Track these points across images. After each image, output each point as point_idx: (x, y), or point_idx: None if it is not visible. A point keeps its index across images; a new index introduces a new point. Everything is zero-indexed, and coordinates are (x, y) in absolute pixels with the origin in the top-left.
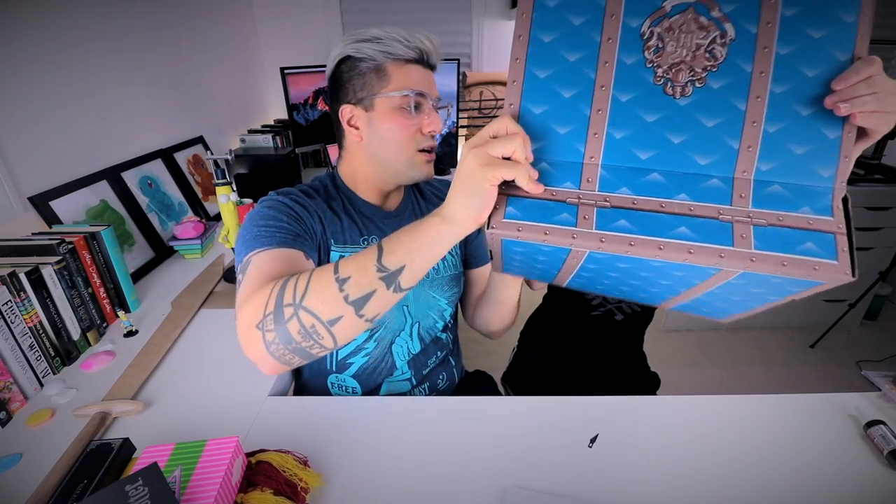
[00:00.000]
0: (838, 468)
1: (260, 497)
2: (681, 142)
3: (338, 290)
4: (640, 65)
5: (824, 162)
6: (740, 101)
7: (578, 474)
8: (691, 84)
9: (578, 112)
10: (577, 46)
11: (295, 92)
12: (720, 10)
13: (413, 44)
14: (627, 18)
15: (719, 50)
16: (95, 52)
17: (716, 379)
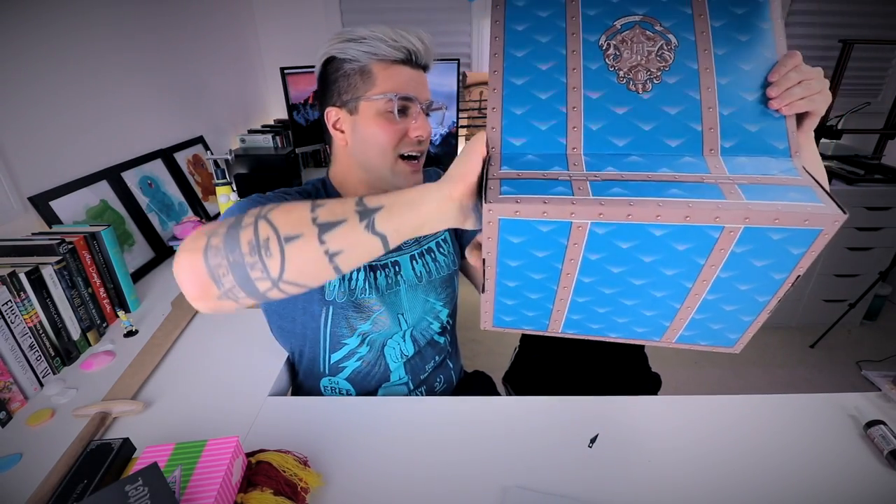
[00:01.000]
0: (838, 468)
1: (260, 497)
2: (651, 128)
3: (308, 210)
4: (603, 69)
5: (776, 136)
6: (694, 92)
7: (578, 474)
8: (650, 82)
9: (556, 110)
10: (547, 58)
11: (295, 92)
12: (661, 25)
13: (400, 44)
14: (586, 34)
15: (668, 54)
16: (96, 53)
17: (716, 379)
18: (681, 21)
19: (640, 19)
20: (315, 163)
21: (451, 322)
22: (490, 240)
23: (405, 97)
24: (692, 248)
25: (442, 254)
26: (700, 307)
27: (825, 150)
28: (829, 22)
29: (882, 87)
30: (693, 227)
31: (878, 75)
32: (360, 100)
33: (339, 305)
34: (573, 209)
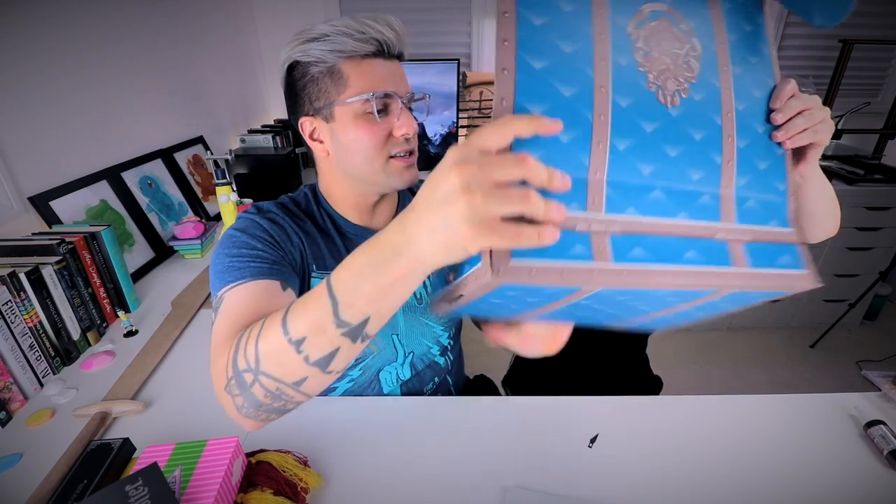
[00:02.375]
0: (838, 468)
1: (260, 497)
2: (676, 155)
3: (295, 352)
4: (633, 67)
5: (779, 177)
6: (717, 115)
7: (578, 474)
8: (678, 94)
9: (581, 116)
10: (571, 36)
11: None
12: (686, 24)
13: (368, 35)
14: (614, 16)
15: (694, 63)
16: (96, 52)
17: (716, 379)
18: (702, 24)
19: (666, 9)
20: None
21: (452, 343)
22: (471, 294)
23: (384, 94)
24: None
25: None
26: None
27: (825, 149)
28: None
29: (882, 87)
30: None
31: (878, 75)
32: (334, 105)
33: None
34: (592, 279)
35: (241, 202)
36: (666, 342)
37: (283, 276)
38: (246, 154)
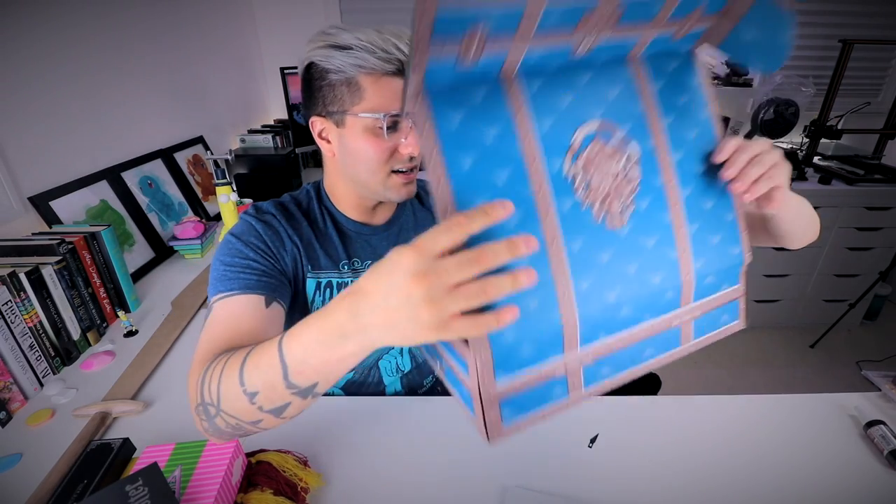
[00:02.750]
0: (838, 468)
1: (260, 497)
2: (636, 269)
3: (249, 402)
4: (577, 208)
5: (732, 242)
6: (664, 214)
7: (578, 474)
8: (625, 212)
9: (543, 281)
10: (516, 200)
11: (295, 92)
12: (620, 131)
13: (392, 55)
14: (548, 161)
15: (633, 170)
16: (95, 53)
17: (716, 379)
18: (635, 122)
19: (598, 127)
20: (315, 163)
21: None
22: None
23: (396, 115)
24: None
25: None
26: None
27: (825, 150)
28: (829, 22)
29: (882, 87)
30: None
31: (878, 75)
32: (346, 113)
33: None
34: (567, 409)
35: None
36: None
37: (269, 289)
38: (246, 154)
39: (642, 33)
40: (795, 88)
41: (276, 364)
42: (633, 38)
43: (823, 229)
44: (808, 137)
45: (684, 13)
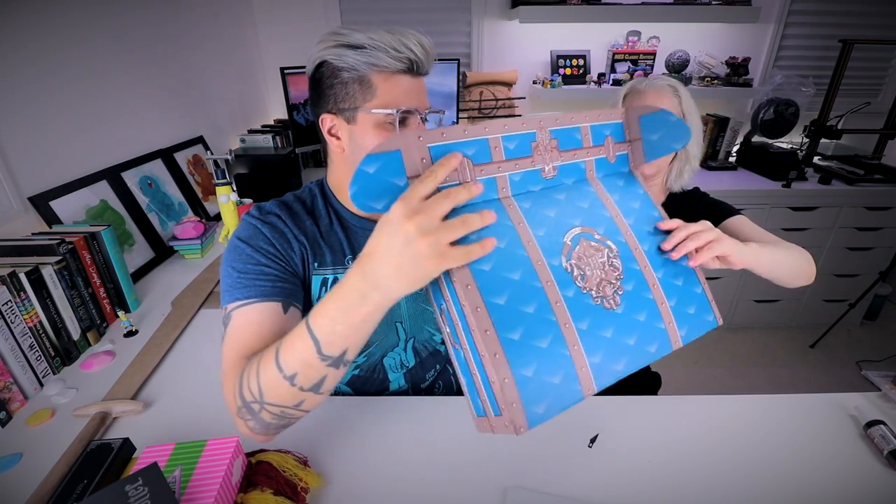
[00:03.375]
0: (838, 468)
1: (260, 497)
2: (635, 342)
3: (290, 385)
4: (578, 294)
5: (706, 311)
6: (648, 293)
7: (578, 474)
8: (616, 294)
9: (562, 356)
10: (529, 300)
11: (295, 92)
12: (598, 233)
13: (403, 54)
14: (549, 260)
15: (616, 260)
16: (95, 52)
17: (716, 379)
18: (610, 225)
19: (581, 231)
20: (315, 163)
21: None
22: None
23: (407, 110)
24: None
25: None
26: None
27: (825, 150)
28: (829, 22)
29: (882, 87)
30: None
31: (878, 75)
32: (358, 110)
33: None
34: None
35: (241, 202)
36: None
37: (284, 294)
38: (246, 154)
39: (584, 157)
40: (795, 88)
41: (307, 342)
42: (579, 161)
43: (824, 229)
44: (808, 137)
45: (600, 141)
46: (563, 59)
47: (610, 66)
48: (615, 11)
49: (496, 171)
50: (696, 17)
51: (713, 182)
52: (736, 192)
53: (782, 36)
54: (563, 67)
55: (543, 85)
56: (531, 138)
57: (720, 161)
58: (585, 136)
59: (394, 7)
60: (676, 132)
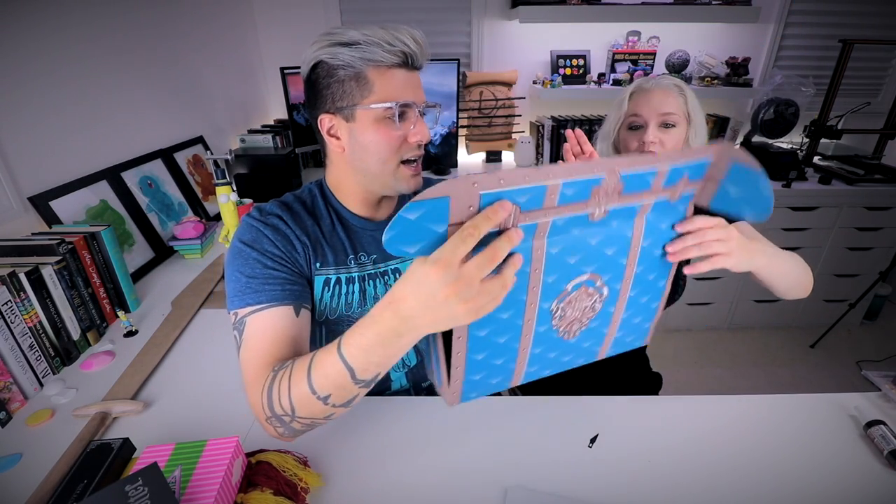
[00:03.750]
0: (838, 468)
1: (260, 497)
2: (569, 359)
3: (322, 404)
4: (548, 330)
5: (642, 341)
6: (605, 329)
7: (579, 474)
8: (579, 330)
9: (508, 368)
10: (505, 332)
11: (295, 92)
12: (601, 280)
13: (396, 48)
14: (542, 303)
15: (598, 306)
16: (95, 52)
17: (716, 379)
18: (616, 273)
19: (587, 278)
20: (315, 163)
21: None
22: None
23: (404, 103)
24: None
25: None
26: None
27: (825, 150)
28: (829, 22)
29: (882, 87)
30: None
31: (878, 75)
32: (356, 107)
33: (332, 322)
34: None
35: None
36: (666, 342)
37: (294, 296)
38: (246, 154)
39: (644, 199)
40: (795, 88)
41: (342, 370)
42: (637, 203)
43: (824, 229)
44: (808, 137)
45: (674, 181)
46: (563, 59)
47: (610, 66)
48: (615, 11)
49: (542, 216)
50: (696, 17)
51: None
52: None
53: (782, 36)
54: (563, 67)
55: (543, 85)
56: (595, 183)
57: None
58: (659, 178)
59: (394, 7)
60: (757, 202)
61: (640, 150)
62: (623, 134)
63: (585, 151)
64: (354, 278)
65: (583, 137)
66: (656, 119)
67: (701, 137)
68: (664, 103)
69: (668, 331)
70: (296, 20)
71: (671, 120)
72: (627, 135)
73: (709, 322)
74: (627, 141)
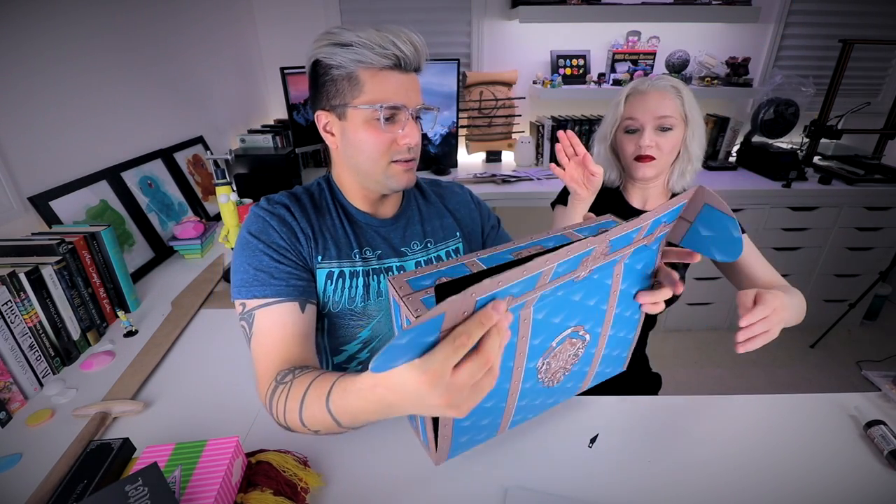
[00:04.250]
0: (838, 468)
1: (260, 497)
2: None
3: (313, 433)
4: (534, 384)
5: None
6: (587, 368)
7: (578, 474)
8: (563, 375)
9: (493, 423)
10: (493, 397)
11: (295, 92)
12: (584, 329)
13: (389, 50)
14: (528, 363)
15: (581, 351)
16: (95, 52)
17: (716, 379)
18: (597, 320)
19: (571, 331)
20: (315, 163)
21: None
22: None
23: (392, 106)
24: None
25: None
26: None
27: (825, 150)
28: (829, 22)
29: (882, 87)
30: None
31: (878, 75)
32: (347, 107)
33: (335, 315)
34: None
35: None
36: (666, 342)
37: (299, 292)
38: (246, 154)
39: (627, 252)
40: (795, 88)
41: (329, 420)
42: (619, 256)
43: (824, 229)
44: (808, 137)
45: (653, 230)
46: (563, 59)
47: (610, 66)
48: (615, 11)
49: (533, 294)
50: (696, 17)
51: (713, 182)
52: (736, 192)
53: (782, 36)
54: (563, 67)
55: (543, 85)
56: (587, 255)
57: (720, 161)
58: (642, 231)
59: (394, 7)
60: (726, 245)
61: (637, 155)
62: (620, 137)
63: (578, 153)
64: (359, 272)
65: (575, 139)
66: (652, 123)
67: (699, 138)
68: (660, 106)
69: (668, 331)
70: (296, 20)
71: (667, 123)
72: (624, 138)
73: (709, 322)
74: (624, 144)
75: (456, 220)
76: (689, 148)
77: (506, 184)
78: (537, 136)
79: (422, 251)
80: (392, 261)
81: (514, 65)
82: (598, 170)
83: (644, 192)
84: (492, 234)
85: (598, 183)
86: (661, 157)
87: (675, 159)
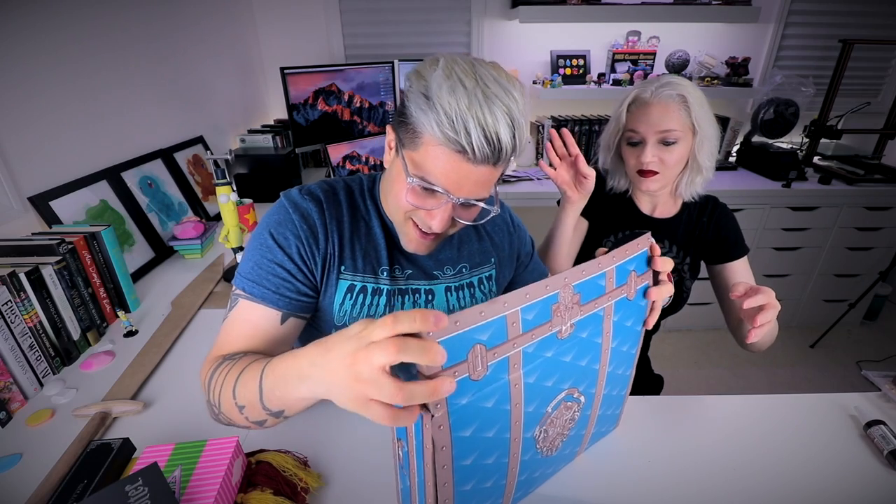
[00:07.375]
0: (838, 468)
1: (260, 497)
2: (551, 470)
3: (239, 412)
4: (533, 455)
5: (612, 426)
6: (583, 431)
7: (578, 474)
8: (561, 442)
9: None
10: (493, 475)
11: (295, 92)
12: (578, 391)
13: (457, 136)
14: (525, 433)
15: (577, 414)
16: (95, 52)
17: (716, 379)
18: (591, 380)
19: (566, 394)
20: (315, 163)
21: None
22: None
23: (428, 187)
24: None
25: (482, 291)
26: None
27: (825, 150)
28: (829, 22)
29: (882, 87)
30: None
31: (878, 75)
32: (404, 147)
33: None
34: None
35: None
36: (666, 342)
37: (284, 304)
38: (246, 154)
39: (603, 304)
40: (795, 88)
41: (255, 388)
42: (599, 309)
43: (824, 229)
44: (808, 137)
45: (623, 280)
46: (563, 59)
47: (610, 66)
48: (615, 11)
49: (511, 349)
50: (696, 17)
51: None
52: (736, 191)
53: (782, 36)
54: (563, 67)
55: (543, 85)
56: (553, 301)
57: (720, 161)
58: (610, 279)
59: (394, 7)
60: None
61: (639, 169)
62: (623, 148)
63: (572, 153)
64: (383, 290)
65: (569, 138)
66: (654, 136)
67: (709, 147)
68: (663, 119)
69: (668, 331)
70: (296, 20)
71: (671, 137)
72: (626, 150)
73: (709, 322)
74: (627, 157)
75: (494, 245)
76: (697, 158)
77: (506, 184)
78: (537, 136)
79: (454, 277)
80: (421, 283)
81: (514, 65)
82: (591, 172)
83: (653, 199)
84: (525, 260)
85: (590, 186)
86: (664, 171)
87: (683, 168)
